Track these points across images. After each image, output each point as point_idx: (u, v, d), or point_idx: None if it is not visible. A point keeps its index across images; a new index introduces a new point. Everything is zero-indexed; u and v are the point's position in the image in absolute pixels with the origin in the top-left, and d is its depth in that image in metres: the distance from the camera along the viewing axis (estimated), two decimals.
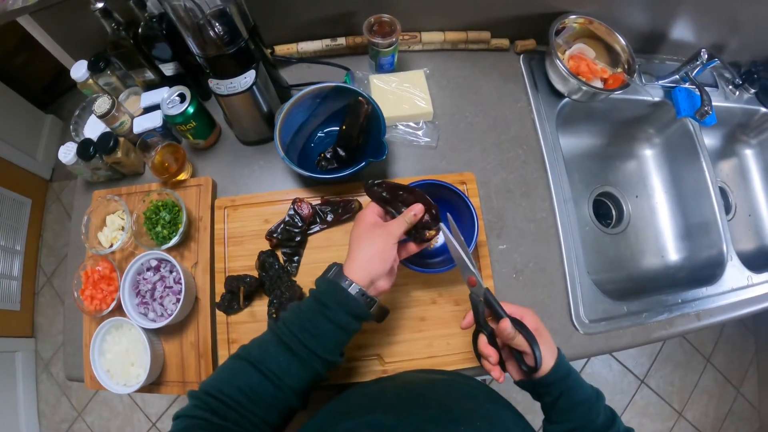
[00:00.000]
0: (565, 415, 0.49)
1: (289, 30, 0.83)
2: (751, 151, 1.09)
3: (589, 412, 0.48)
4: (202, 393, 0.44)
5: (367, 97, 0.70)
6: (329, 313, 0.46)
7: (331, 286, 0.47)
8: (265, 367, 0.44)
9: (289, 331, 0.46)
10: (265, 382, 0.44)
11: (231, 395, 0.43)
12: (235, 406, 0.42)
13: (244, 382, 0.44)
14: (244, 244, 0.72)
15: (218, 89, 0.67)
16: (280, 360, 0.45)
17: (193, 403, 0.44)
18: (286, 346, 0.45)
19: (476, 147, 0.81)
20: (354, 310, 0.47)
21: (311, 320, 0.46)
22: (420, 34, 0.86)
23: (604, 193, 1.02)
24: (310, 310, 0.47)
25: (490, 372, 0.52)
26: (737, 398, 1.65)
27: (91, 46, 0.77)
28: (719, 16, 0.84)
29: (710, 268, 0.85)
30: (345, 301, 0.47)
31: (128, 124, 0.74)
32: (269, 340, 0.47)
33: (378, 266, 0.49)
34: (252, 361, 0.45)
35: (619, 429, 0.48)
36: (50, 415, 1.64)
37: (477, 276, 0.53)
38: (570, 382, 0.49)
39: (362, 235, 0.51)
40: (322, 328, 0.46)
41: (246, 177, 0.79)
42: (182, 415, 0.43)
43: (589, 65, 0.83)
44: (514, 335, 0.48)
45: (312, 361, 0.45)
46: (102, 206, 0.74)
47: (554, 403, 0.49)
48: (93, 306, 0.68)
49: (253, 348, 0.47)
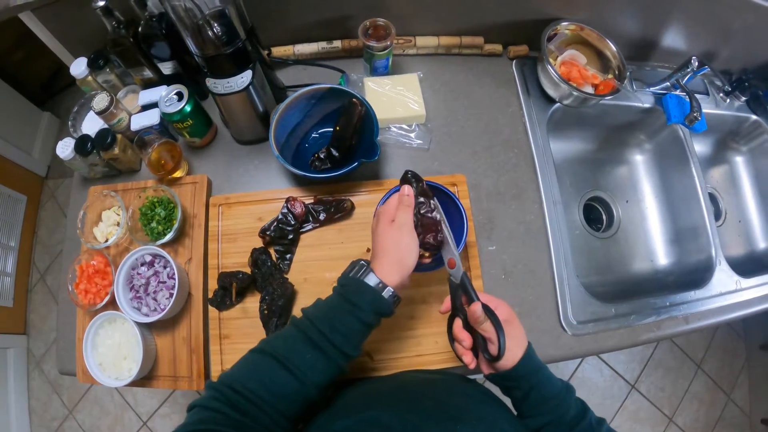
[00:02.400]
0: (536, 409, 0.49)
1: (286, 32, 0.85)
2: (742, 158, 1.10)
3: (559, 407, 0.48)
4: (223, 386, 0.43)
5: (361, 98, 0.72)
6: (360, 314, 0.47)
7: (363, 287, 0.48)
8: (292, 364, 0.44)
9: (317, 330, 0.46)
10: (290, 378, 0.44)
11: (254, 390, 0.42)
12: (256, 401, 0.42)
13: (269, 377, 0.44)
14: (238, 242, 0.73)
15: (215, 88, 0.68)
16: (307, 357, 0.45)
17: (211, 395, 0.42)
18: (314, 344, 0.45)
19: (468, 150, 0.82)
20: (383, 310, 0.48)
21: (342, 320, 0.47)
22: (414, 38, 0.87)
23: (594, 197, 1.04)
24: (341, 310, 0.47)
25: (462, 357, 0.52)
26: (728, 404, 1.66)
27: (91, 44, 0.78)
28: (710, 24, 0.86)
29: (699, 273, 0.86)
30: (378, 303, 0.48)
31: (126, 121, 0.75)
32: (295, 337, 0.46)
33: (410, 263, 0.51)
34: (277, 356, 0.44)
35: (591, 420, 0.48)
36: (41, 412, 1.63)
37: (456, 258, 0.54)
38: (540, 377, 0.50)
39: (386, 233, 0.52)
40: (352, 327, 0.47)
41: (241, 176, 0.80)
42: (199, 405, 0.42)
43: (581, 71, 0.84)
44: (483, 320, 0.50)
45: (338, 358, 0.46)
46: (98, 202, 0.74)
47: (525, 397, 0.50)
48: (87, 300, 0.69)
49: (278, 343, 0.47)
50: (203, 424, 0.39)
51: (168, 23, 0.69)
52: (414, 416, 0.40)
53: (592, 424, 0.48)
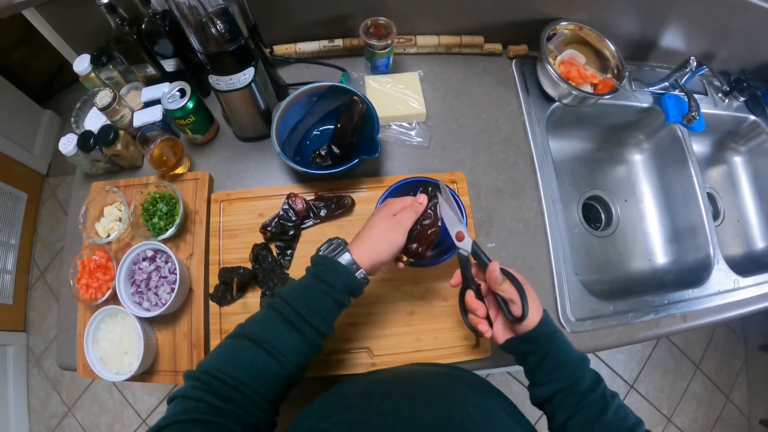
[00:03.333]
0: (550, 375, 0.49)
1: (288, 30, 0.85)
2: (740, 158, 1.11)
3: (574, 373, 0.49)
4: (203, 374, 0.43)
5: (362, 96, 0.72)
6: (336, 295, 0.48)
7: (338, 268, 0.49)
8: (270, 346, 0.44)
9: (294, 311, 0.46)
10: (270, 360, 0.44)
11: (235, 375, 0.42)
12: (238, 386, 0.42)
13: (248, 361, 0.44)
14: (239, 237, 0.73)
15: (218, 85, 0.68)
16: (285, 338, 0.46)
17: (191, 384, 0.42)
18: (291, 324, 0.46)
19: (467, 148, 0.83)
20: (356, 291, 0.50)
21: (319, 301, 0.48)
22: (415, 37, 0.88)
23: (593, 196, 1.04)
24: (317, 291, 0.48)
25: (477, 326, 0.53)
26: (726, 405, 1.66)
27: (94, 41, 0.79)
28: (709, 24, 0.87)
29: (697, 271, 0.87)
30: (351, 285, 0.49)
31: (128, 118, 0.76)
32: (272, 318, 0.47)
33: (387, 257, 0.52)
34: (255, 339, 0.45)
35: (605, 392, 0.48)
36: (40, 410, 1.63)
37: (465, 230, 0.56)
38: (556, 340, 0.50)
39: (381, 223, 0.53)
40: (328, 308, 0.48)
41: (242, 172, 0.80)
42: (180, 396, 0.42)
43: (580, 70, 0.85)
44: (501, 280, 0.50)
45: (315, 337, 0.47)
46: (100, 197, 0.75)
47: (540, 362, 0.50)
48: (88, 294, 0.69)
49: (255, 327, 0.47)
50: (185, 414, 0.39)
51: (171, 20, 0.70)
52: (410, 404, 0.40)
53: (606, 396, 0.48)
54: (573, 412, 0.47)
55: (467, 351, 0.68)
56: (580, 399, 0.47)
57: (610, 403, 0.47)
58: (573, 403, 0.47)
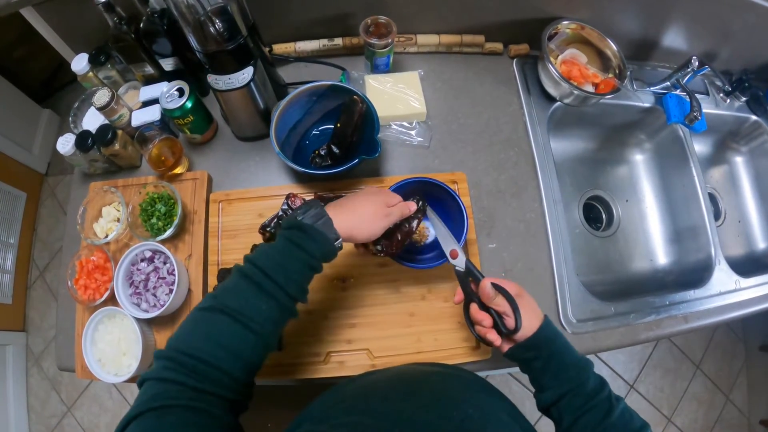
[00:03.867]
0: (555, 378, 0.49)
1: (288, 29, 0.85)
2: (742, 158, 1.10)
3: (579, 375, 0.49)
4: (176, 352, 0.40)
5: (362, 95, 0.72)
6: (314, 263, 0.47)
7: (319, 238, 0.47)
8: (247, 318, 0.43)
9: (273, 282, 0.44)
10: (248, 334, 0.42)
11: (211, 352, 0.40)
12: (215, 363, 0.40)
13: (225, 335, 0.42)
14: (238, 238, 0.73)
15: (216, 84, 0.68)
16: (263, 308, 0.44)
17: (163, 365, 0.40)
18: (269, 295, 0.44)
19: (468, 148, 0.82)
20: (331, 259, 0.49)
21: (298, 271, 0.46)
22: (415, 36, 0.87)
23: (594, 196, 1.04)
24: (295, 260, 0.46)
25: (486, 336, 0.53)
26: (726, 405, 1.66)
27: (92, 40, 0.79)
28: (711, 24, 0.86)
29: (698, 272, 0.86)
30: (330, 253, 0.49)
31: (127, 117, 0.75)
32: (247, 289, 0.44)
33: (362, 238, 0.52)
34: (231, 313, 0.42)
35: (611, 395, 0.48)
36: (40, 409, 1.63)
37: (458, 249, 0.57)
38: (559, 344, 0.51)
39: (372, 206, 0.52)
40: (306, 275, 0.47)
41: (241, 172, 0.80)
42: (152, 378, 0.39)
43: (581, 70, 0.85)
44: (494, 294, 0.52)
45: (291, 305, 0.46)
46: (98, 197, 0.74)
47: (544, 367, 0.50)
48: (86, 295, 0.69)
49: (228, 299, 0.44)
50: (158, 400, 0.37)
51: (170, 19, 0.69)
52: (408, 405, 0.40)
53: (611, 399, 0.48)
54: (579, 415, 0.47)
55: (468, 352, 0.67)
56: (586, 401, 0.47)
57: (616, 406, 0.47)
58: (578, 405, 0.47)
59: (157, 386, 0.38)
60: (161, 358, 0.41)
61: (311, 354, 0.67)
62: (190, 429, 0.36)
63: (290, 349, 0.67)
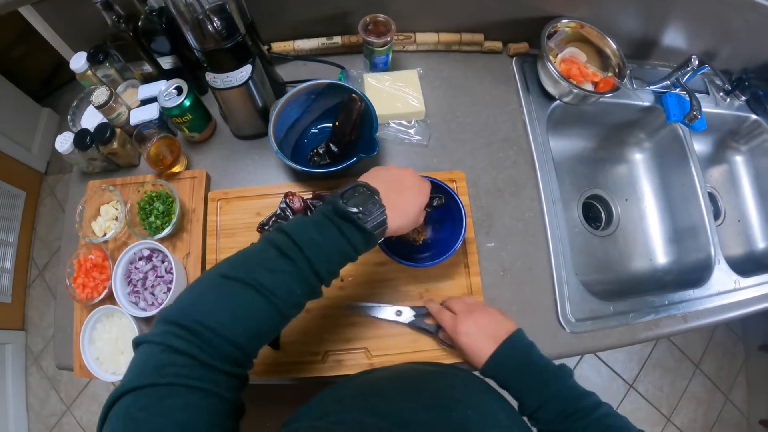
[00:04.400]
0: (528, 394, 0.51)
1: (286, 28, 0.85)
2: (742, 157, 1.10)
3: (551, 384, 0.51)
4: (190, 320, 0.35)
5: (360, 94, 0.71)
6: (354, 256, 0.45)
7: (368, 237, 0.45)
8: (280, 300, 0.39)
9: (315, 274, 0.42)
10: (275, 314, 0.39)
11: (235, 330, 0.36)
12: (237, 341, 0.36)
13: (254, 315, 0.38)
14: (236, 236, 0.73)
15: (215, 83, 0.68)
16: (296, 293, 0.41)
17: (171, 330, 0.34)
18: (306, 283, 0.41)
19: (467, 147, 0.82)
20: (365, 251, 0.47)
21: (341, 264, 0.44)
22: (414, 34, 0.87)
23: (593, 195, 1.03)
24: (342, 257, 0.44)
25: None
26: (726, 405, 1.66)
27: (91, 38, 0.78)
28: (711, 23, 0.86)
29: (698, 272, 0.86)
30: (369, 248, 0.46)
31: (125, 116, 0.75)
32: (285, 271, 0.40)
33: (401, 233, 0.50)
34: (263, 291, 0.38)
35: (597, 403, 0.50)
36: (39, 408, 1.63)
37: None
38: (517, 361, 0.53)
39: (419, 212, 0.51)
40: (344, 263, 0.45)
41: (239, 171, 0.80)
42: (153, 342, 0.34)
43: (581, 69, 0.84)
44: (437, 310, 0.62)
45: (319, 291, 0.44)
46: (97, 196, 0.74)
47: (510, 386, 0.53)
48: (84, 294, 0.69)
49: (261, 274, 0.39)
50: (162, 376, 0.32)
51: (168, 18, 0.69)
52: (407, 405, 0.39)
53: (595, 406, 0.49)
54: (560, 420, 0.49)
55: None
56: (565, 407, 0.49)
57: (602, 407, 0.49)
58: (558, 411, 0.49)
59: (160, 355, 0.33)
60: (169, 322, 0.35)
61: (309, 353, 0.66)
62: (199, 415, 0.32)
63: (288, 348, 0.67)
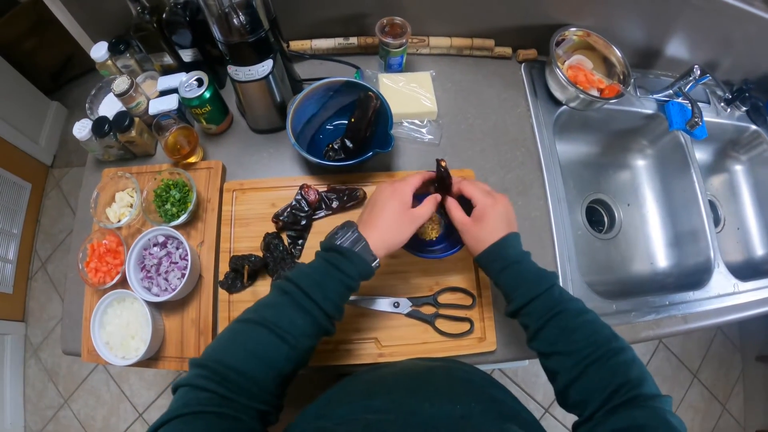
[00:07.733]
0: (520, 288, 0.52)
1: (305, 27, 0.87)
2: (741, 167, 1.13)
3: (541, 283, 0.51)
4: (210, 360, 0.42)
5: (376, 92, 0.73)
6: (351, 283, 0.49)
7: (357, 260, 0.49)
8: (282, 330, 0.45)
9: (310, 299, 0.47)
10: (281, 345, 0.44)
11: (244, 360, 0.42)
12: (248, 372, 0.42)
13: (259, 345, 0.44)
14: (250, 226, 0.74)
15: (236, 75, 0.69)
16: (299, 323, 0.46)
17: (196, 372, 0.41)
18: (305, 310, 0.46)
19: (476, 147, 0.84)
20: (369, 277, 0.51)
21: (334, 290, 0.48)
22: (428, 38, 0.90)
23: (596, 200, 1.06)
24: (333, 280, 0.48)
25: (452, 213, 0.58)
26: (723, 415, 1.67)
27: (110, 29, 0.80)
28: (713, 34, 0.89)
29: (698, 274, 0.88)
30: (367, 273, 0.50)
31: (144, 105, 0.77)
32: (285, 304, 0.47)
33: (399, 244, 0.54)
34: (267, 324, 0.45)
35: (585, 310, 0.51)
36: (36, 400, 1.62)
37: None
38: (515, 255, 0.53)
39: (397, 216, 0.53)
40: (342, 295, 0.49)
41: (255, 163, 0.81)
42: (184, 385, 0.41)
43: (587, 75, 0.87)
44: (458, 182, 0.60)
45: (327, 323, 0.48)
46: (112, 183, 0.76)
47: (507, 274, 0.53)
48: (97, 278, 0.70)
49: (266, 311, 0.47)
50: (189, 407, 0.38)
51: (192, 11, 0.71)
52: (411, 399, 0.40)
53: (581, 312, 0.50)
54: (546, 320, 0.50)
55: (473, 344, 0.68)
56: (552, 307, 0.50)
57: (588, 313, 0.50)
58: (545, 310, 0.50)
59: (189, 393, 0.40)
60: (196, 366, 0.42)
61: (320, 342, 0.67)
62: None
63: None
